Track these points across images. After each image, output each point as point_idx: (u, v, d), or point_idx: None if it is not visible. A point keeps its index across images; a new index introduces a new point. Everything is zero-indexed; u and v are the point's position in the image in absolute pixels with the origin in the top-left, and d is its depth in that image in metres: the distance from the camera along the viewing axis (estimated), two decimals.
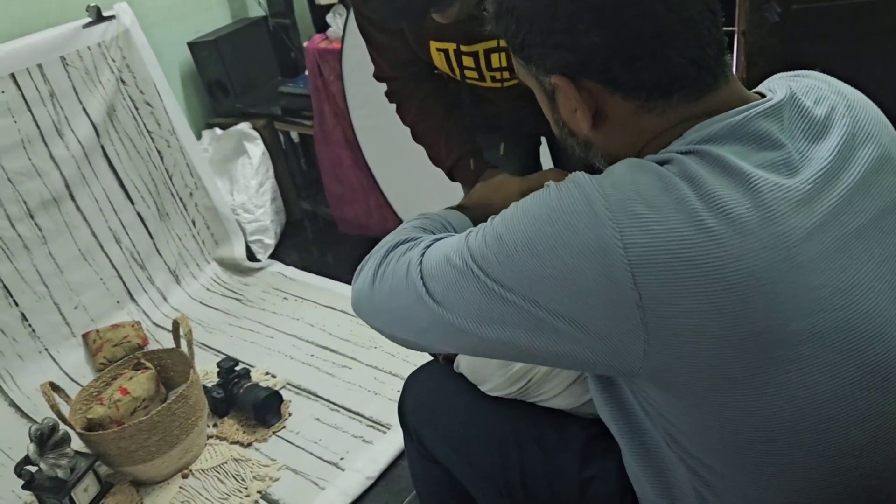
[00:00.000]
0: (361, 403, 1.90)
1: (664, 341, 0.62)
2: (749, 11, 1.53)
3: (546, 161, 1.63)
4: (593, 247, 0.61)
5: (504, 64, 1.25)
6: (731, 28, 1.57)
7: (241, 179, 2.71)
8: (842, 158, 0.67)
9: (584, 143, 0.75)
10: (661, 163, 0.65)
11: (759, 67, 1.54)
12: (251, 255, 2.67)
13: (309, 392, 1.98)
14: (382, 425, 1.82)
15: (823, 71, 0.80)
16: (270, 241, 2.74)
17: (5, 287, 2.15)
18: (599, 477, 0.87)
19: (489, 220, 0.71)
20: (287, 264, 2.64)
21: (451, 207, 0.96)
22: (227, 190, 2.71)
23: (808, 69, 0.80)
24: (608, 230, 0.61)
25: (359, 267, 0.84)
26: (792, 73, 0.79)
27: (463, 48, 1.24)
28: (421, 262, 0.74)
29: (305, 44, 2.50)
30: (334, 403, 1.92)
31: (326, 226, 2.87)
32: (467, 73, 1.28)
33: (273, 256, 2.71)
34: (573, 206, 0.63)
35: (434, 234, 0.85)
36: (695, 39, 0.66)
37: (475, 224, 0.91)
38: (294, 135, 2.91)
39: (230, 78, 2.74)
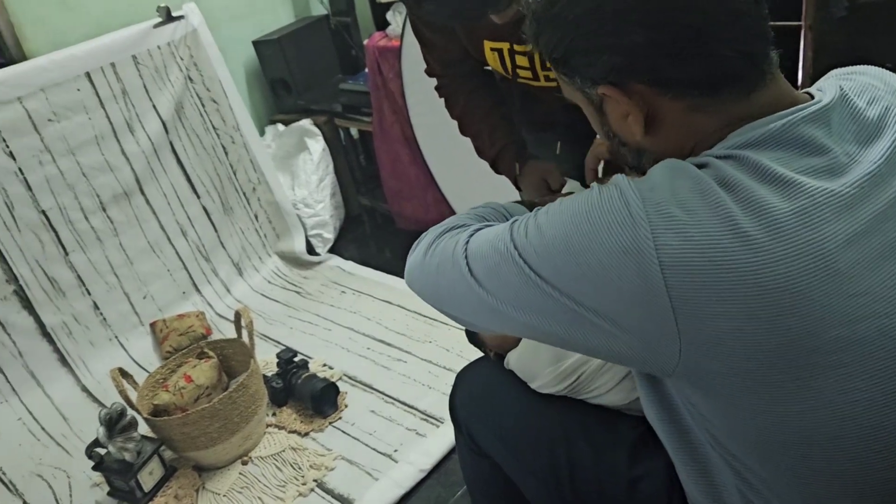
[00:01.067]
0: (416, 397, 1.92)
1: (697, 343, 0.62)
2: (816, 6, 1.48)
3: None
4: (627, 247, 0.62)
5: None
6: (797, 23, 1.53)
7: (302, 175, 2.77)
8: (892, 163, 0.65)
9: (637, 151, 0.75)
10: (699, 166, 0.65)
11: (824, 63, 1.49)
12: (311, 249, 2.73)
13: (364, 384, 2.01)
14: (436, 419, 1.84)
15: (890, 68, 0.77)
16: (330, 235, 2.79)
17: (79, 277, 2.25)
18: (648, 476, 0.87)
19: (534, 210, 0.72)
20: (345, 258, 2.68)
21: (520, 202, 0.97)
22: (289, 185, 2.77)
23: (876, 65, 0.78)
24: (642, 231, 0.61)
25: (415, 243, 0.87)
26: (847, 70, 0.77)
27: (517, 48, 1.24)
28: (467, 244, 0.76)
29: (365, 41, 2.53)
30: (389, 396, 1.95)
31: (384, 221, 2.90)
32: (521, 73, 1.28)
33: (332, 251, 2.76)
34: (611, 206, 0.64)
35: (488, 222, 0.86)
36: (742, 32, 0.66)
37: None
38: (354, 131, 2.95)
39: (292, 75, 2.80)
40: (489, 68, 1.37)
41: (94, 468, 1.68)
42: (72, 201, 2.22)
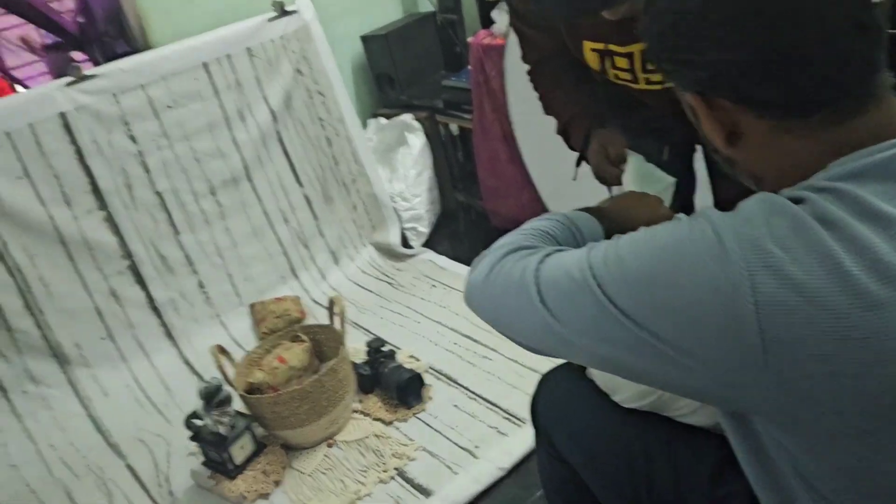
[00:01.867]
0: (500, 395, 1.92)
1: (786, 385, 0.59)
2: None
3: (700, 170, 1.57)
4: (719, 283, 0.59)
5: None
6: None
7: (401, 168, 2.81)
8: None
9: (728, 160, 0.73)
10: (796, 201, 0.62)
11: None
12: (405, 242, 2.77)
13: (450, 378, 2.03)
14: (518, 419, 1.84)
15: None
16: (424, 229, 2.83)
17: (187, 256, 2.38)
18: (730, 497, 0.84)
19: (614, 238, 0.70)
20: (439, 253, 2.71)
21: (588, 210, 0.94)
22: (387, 178, 2.83)
23: None
24: (736, 267, 0.58)
25: (476, 259, 0.85)
26: None
27: (617, 48, 1.22)
28: (538, 270, 0.73)
29: (470, 39, 2.55)
30: (473, 392, 1.96)
31: (479, 218, 2.92)
32: (620, 74, 1.26)
33: (426, 245, 2.80)
34: (703, 240, 0.61)
35: (558, 242, 0.85)
36: (833, 58, 0.61)
37: (608, 235, 0.90)
38: (454, 127, 2.97)
39: (397, 71, 2.85)
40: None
41: (191, 438, 1.77)
42: (184, 184, 2.35)
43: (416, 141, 2.81)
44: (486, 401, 1.92)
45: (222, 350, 1.84)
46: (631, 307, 0.64)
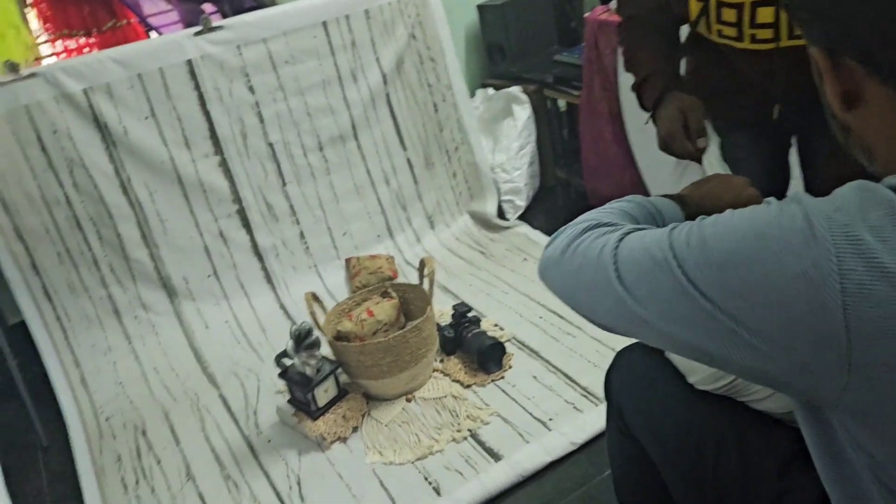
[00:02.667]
0: (579, 372, 1.93)
1: (869, 377, 0.57)
2: None
3: (794, 168, 1.48)
4: (805, 267, 0.57)
5: (770, 20, 1.15)
6: None
7: (504, 140, 2.82)
8: None
9: (843, 127, 0.69)
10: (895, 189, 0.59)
11: None
12: (501, 214, 2.79)
13: (531, 350, 2.05)
14: (596, 397, 1.84)
15: None
16: (521, 202, 2.83)
17: (291, 206, 2.48)
18: (798, 491, 0.82)
19: (698, 219, 0.68)
20: (533, 227, 2.71)
21: (670, 196, 0.92)
22: (490, 148, 2.84)
23: None
24: (825, 252, 0.56)
25: (554, 234, 0.84)
26: None
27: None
28: (618, 247, 0.72)
29: (587, 14, 2.51)
30: (553, 366, 1.97)
31: (577, 196, 2.89)
32: (725, 29, 1.20)
33: (521, 218, 2.81)
34: (791, 224, 0.59)
35: (638, 223, 0.83)
36: None
37: (686, 217, 0.88)
38: (561, 103, 2.95)
39: (510, 41, 2.85)
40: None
41: (280, 376, 1.87)
42: (295, 138, 2.44)
43: (522, 113, 2.80)
44: (565, 375, 1.93)
45: (315, 297, 1.93)
46: (711, 288, 0.62)
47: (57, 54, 2.55)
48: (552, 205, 2.92)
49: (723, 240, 0.63)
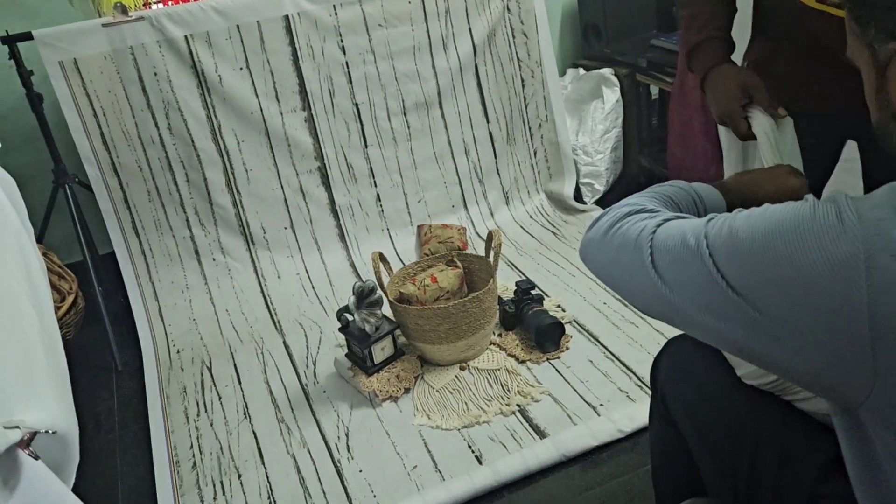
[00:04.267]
0: (636, 362, 1.90)
1: (892, 374, 0.56)
2: None
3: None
4: (835, 262, 0.57)
5: None
6: None
7: (590, 122, 2.78)
8: None
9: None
10: None
11: None
12: (578, 197, 2.76)
13: (591, 335, 2.04)
14: (650, 388, 1.81)
15: None
16: (601, 187, 2.79)
17: (371, 169, 2.53)
18: (833, 497, 0.80)
19: (734, 211, 0.68)
20: None
21: (714, 184, 0.91)
22: (574, 129, 2.81)
23: None
24: (854, 248, 0.56)
25: (596, 216, 0.85)
26: None
27: None
28: (655, 233, 0.73)
29: None
30: (611, 353, 1.95)
31: None
32: None
33: (599, 203, 2.78)
34: (824, 219, 0.59)
35: (680, 209, 0.83)
36: None
37: (729, 206, 0.87)
38: (653, 89, 2.88)
39: (607, 22, 2.79)
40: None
41: (340, 330, 1.92)
42: (381, 101, 2.48)
43: (611, 97, 2.75)
44: (622, 363, 1.91)
45: (383, 258, 1.97)
46: (739, 280, 0.63)
47: (163, 1, 2.66)
48: (632, 192, 2.85)
49: (753, 231, 0.63)
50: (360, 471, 1.68)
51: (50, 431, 0.95)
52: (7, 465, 0.85)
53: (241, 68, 2.29)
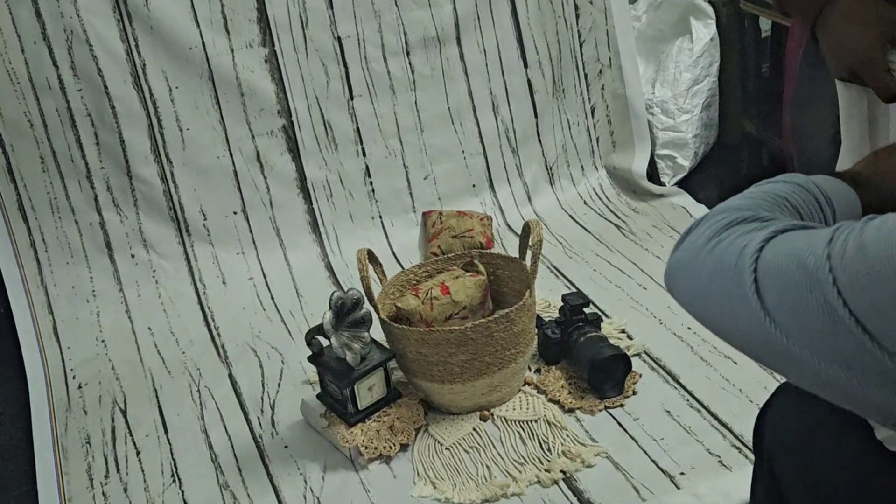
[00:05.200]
0: (734, 413, 1.90)
1: None
2: None
3: None
4: None
5: None
6: None
7: (672, 68, 2.78)
8: None
9: None
10: None
11: None
12: (654, 175, 2.76)
13: (668, 373, 2.03)
14: (753, 452, 1.81)
15: None
16: (686, 162, 2.79)
17: (358, 130, 2.55)
18: None
19: (865, 218, 0.68)
20: (698, 200, 2.68)
21: (842, 175, 0.90)
22: (649, 78, 2.80)
23: None
24: None
25: (685, 230, 0.85)
26: None
27: None
28: (761, 251, 0.73)
29: None
30: (697, 399, 1.95)
31: (771, 163, 2.82)
32: None
33: (682, 184, 2.78)
34: None
35: (800, 215, 0.83)
36: None
37: (866, 207, 0.87)
38: (764, 24, 2.87)
39: None
40: None
41: (311, 359, 1.92)
42: (373, 34, 2.49)
43: (704, 33, 2.75)
44: (712, 416, 1.90)
45: (372, 258, 1.97)
46: (871, 317, 0.63)
47: None
48: (731, 171, 2.86)
49: (891, 247, 0.63)
50: None
51: None
52: None
53: None
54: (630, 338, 2.15)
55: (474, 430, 1.93)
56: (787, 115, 2.63)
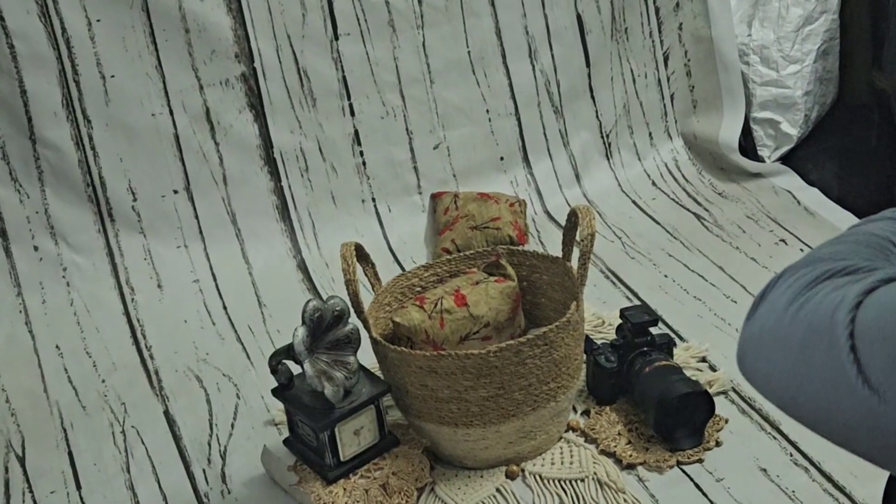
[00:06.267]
0: (853, 474, 1.90)
1: None
2: None
3: None
4: None
5: None
6: None
7: (776, 3, 2.78)
8: None
9: None
10: None
11: None
12: (749, 147, 2.77)
13: (765, 417, 2.04)
14: None
15: None
16: (792, 130, 2.79)
17: (343, 80, 2.57)
18: None
19: None
20: (808, 182, 2.69)
21: None
22: (744, 17, 2.80)
23: None
24: None
25: (760, 291, 0.86)
26: None
27: None
28: (858, 307, 0.74)
29: None
30: (803, 454, 1.95)
31: None
32: None
33: (786, 160, 2.79)
34: None
35: None
36: None
37: None
38: None
39: None
40: None
41: (276, 392, 1.93)
42: None
43: None
44: (825, 476, 1.91)
45: (361, 254, 1.97)
46: None
47: None
48: (856, 142, 2.86)
49: None
50: None
51: None
52: None
53: None
54: (713, 369, 2.16)
55: (499, 491, 1.93)
56: None
